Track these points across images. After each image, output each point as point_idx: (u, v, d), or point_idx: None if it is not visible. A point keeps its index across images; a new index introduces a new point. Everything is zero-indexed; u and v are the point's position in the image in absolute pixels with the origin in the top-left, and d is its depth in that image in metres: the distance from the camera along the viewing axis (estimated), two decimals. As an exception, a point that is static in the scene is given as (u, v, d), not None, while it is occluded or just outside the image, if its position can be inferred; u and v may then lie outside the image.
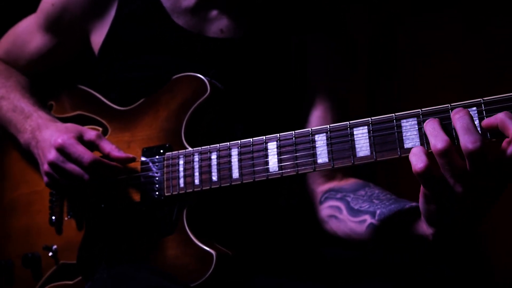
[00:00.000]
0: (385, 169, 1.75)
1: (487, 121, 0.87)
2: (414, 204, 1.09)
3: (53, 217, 1.42)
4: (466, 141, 0.85)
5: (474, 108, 0.95)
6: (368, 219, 1.13)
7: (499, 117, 0.85)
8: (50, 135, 1.31)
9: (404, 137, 1.01)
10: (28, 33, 1.52)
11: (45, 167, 1.30)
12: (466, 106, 0.95)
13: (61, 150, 1.27)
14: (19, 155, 1.56)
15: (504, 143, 0.86)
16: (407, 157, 1.01)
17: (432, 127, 0.90)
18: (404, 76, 2.12)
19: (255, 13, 1.37)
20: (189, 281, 1.18)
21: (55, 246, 1.40)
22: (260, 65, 1.36)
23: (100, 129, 1.42)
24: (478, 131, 0.87)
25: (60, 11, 1.44)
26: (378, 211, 1.12)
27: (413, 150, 0.92)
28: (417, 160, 0.89)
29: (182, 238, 1.22)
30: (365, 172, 1.40)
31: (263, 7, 1.37)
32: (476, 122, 0.93)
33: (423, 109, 1.01)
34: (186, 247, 1.21)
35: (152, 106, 1.36)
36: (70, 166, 1.26)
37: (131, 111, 1.40)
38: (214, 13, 1.37)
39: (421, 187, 0.94)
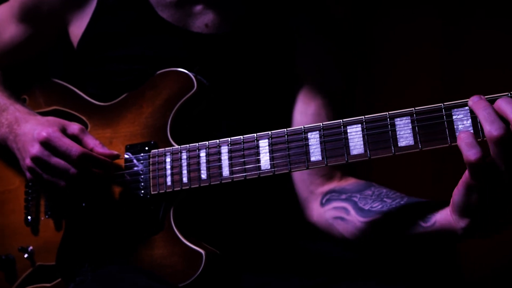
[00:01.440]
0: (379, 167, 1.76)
1: None
2: (434, 201, 1.08)
3: (29, 217, 1.36)
4: (492, 129, 0.85)
5: (467, 107, 0.97)
6: (382, 218, 1.12)
7: None
8: (31, 128, 1.25)
9: (398, 136, 1.02)
10: (1, 23, 1.45)
11: (27, 161, 1.24)
12: (459, 106, 0.97)
13: (46, 143, 1.21)
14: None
15: None
16: (401, 155, 1.03)
17: (487, 113, 0.88)
18: (381, 70, 2.14)
19: (240, 9, 1.35)
20: (177, 281, 1.16)
21: (31, 247, 1.34)
22: (246, 61, 1.34)
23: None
24: None
25: (37, 2, 1.37)
26: (393, 210, 1.11)
27: (463, 138, 0.89)
28: (471, 149, 0.87)
29: (169, 237, 1.20)
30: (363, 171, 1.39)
31: (249, 2, 1.36)
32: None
33: (416, 108, 1.02)
34: (174, 247, 1.19)
35: (135, 102, 1.32)
36: (56, 160, 1.20)
37: (112, 106, 1.35)
38: (199, 7, 1.34)
39: (465, 177, 0.91)
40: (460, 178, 0.95)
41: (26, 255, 1.34)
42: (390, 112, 1.03)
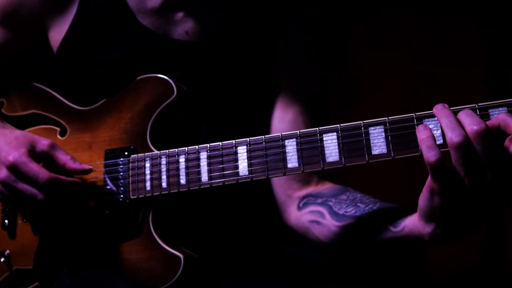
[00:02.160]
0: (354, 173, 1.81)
1: (488, 122, 0.91)
2: (404, 207, 1.12)
3: (6, 221, 1.35)
4: (453, 136, 0.90)
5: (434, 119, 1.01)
6: (355, 223, 1.16)
7: (500, 117, 0.90)
8: None
9: (371, 144, 1.06)
10: None
11: None
12: (430, 116, 1.02)
13: (13, 169, 1.20)
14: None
15: (507, 141, 0.89)
16: (375, 162, 1.07)
17: (449, 120, 0.92)
18: (358, 68, 2.17)
19: (220, 17, 1.38)
20: (156, 285, 1.17)
21: (7, 251, 1.34)
22: (225, 68, 1.37)
23: (58, 129, 1.37)
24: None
25: (16, 5, 1.37)
26: (366, 215, 1.15)
27: (424, 141, 0.93)
28: (431, 151, 0.91)
29: (148, 241, 1.21)
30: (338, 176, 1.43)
31: (229, 11, 1.38)
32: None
33: (389, 118, 1.06)
34: (152, 251, 1.20)
35: (114, 107, 1.33)
36: (23, 186, 1.20)
37: (92, 111, 1.36)
38: (179, 15, 1.36)
39: (428, 181, 0.95)
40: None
41: (2, 259, 1.33)
42: (364, 121, 1.07)
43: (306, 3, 1.54)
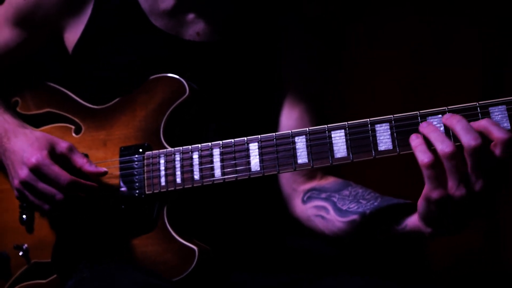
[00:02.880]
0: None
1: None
2: (405, 202, 1.18)
3: (24, 216, 1.40)
4: (470, 139, 0.95)
5: (440, 115, 1.07)
6: (358, 219, 1.22)
7: (482, 124, 0.97)
8: (20, 148, 1.28)
9: (378, 140, 1.11)
10: None
11: (16, 182, 1.29)
12: (433, 114, 1.07)
13: (35, 170, 1.25)
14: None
15: (491, 146, 0.96)
16: (381, 158, 1.12)
17: (436, 134, 0.99)
18: (358, 68, 2.21)
19: (230, 18, 1.43)
20: (171, 277, 1.22)
21: (26, 245, 1.39)
22: (234, 67, 1.42)
23: (73, 127, 1.42)
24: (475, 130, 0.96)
25: (33, 6, 1.41)
26: (368, 212, 1.21)
27: (418, 148, 1.00)
28: (424, 155, 0.98)
29: (163, 235, 1.26)
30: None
31: (238, 13, 1.43)
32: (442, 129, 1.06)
33: (394, 115, 1.11)
34: (167, 244, 1.25)
35: (128, 105, 1.38)
36: (43, 186, 1.25)
37: (106, 109, 1.41)
38: (191, 16, 1.41)
39: (424, 190, 1.02)
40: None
41: (21, 253, 1.38)
42: (371, 119, 1.12)
43: (306, 3, 1.59)
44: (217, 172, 1.23)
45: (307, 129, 1.16)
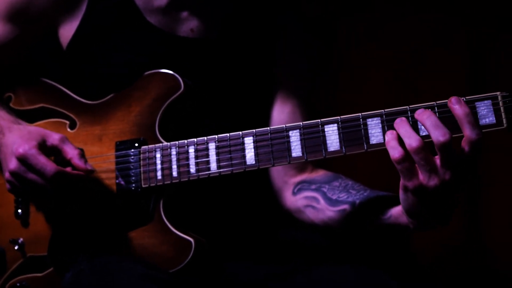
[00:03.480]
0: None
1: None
2: (391, 194, 1.22)
3: (19, 210, 1.41)
4: (438, 135, 1.00)
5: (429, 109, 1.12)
6: (348, 208, 1.26)
7: (460, 116, 1.02)
8: (12, 141, 1.29)
9: (369, 134, 1.16)
10: None
11: (7, 175, 1.30)
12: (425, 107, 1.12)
13: (23, 160, 1.26)
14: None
15: (462, 143, 1.02)
16: (373, 151, 1.17)
17: (404, 129, 1.04)
18: (356, 67, 2.25)
19: (224, 15, 1.45)
20: (168, 268, 1.25)
21: (21, 239, 1.40)
22: (228, 64, 1.45)
23: (67, 122, 1.43)
24: (444, 126, 1.01)
25: (26, 2, 1.42)
26: (357, 201, 1.25)
27: (389, 143, 1.05)
28: (394, 150, 1.03)
29: (160, 227, 1.29)
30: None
31: (228, 10, 1.46)
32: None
33: (385, 110, 1.16)
34: (164, 236, 1.28)
35: (123, 101, 1.39)
36: (32, 177, 1.26)
37: (101, 105, 1.42)
38: (185, 13, 1.43)
39: (400, 181, 1.06)
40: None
41: (16, 247, 1.39)
42: (362, 113, 1.16)
43: (305, 3, 1.63)
44: (213, 166, 1.26)
45: (301, 123, 1.20)
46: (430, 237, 2.08)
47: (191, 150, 1.28)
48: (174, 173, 1.29)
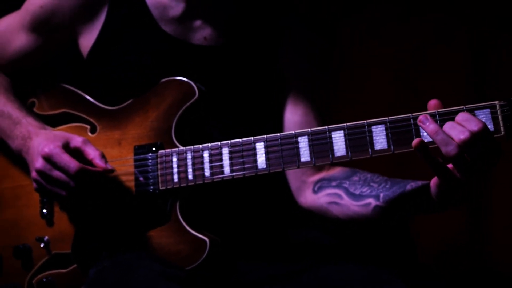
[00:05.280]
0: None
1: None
2: (413, 183, 1.27)
3: (44, 210, 1.50)
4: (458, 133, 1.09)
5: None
6: (373, 202, 1.31)
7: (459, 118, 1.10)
8: (38, 143, 1.39)
9: (374, 140, 1.22)
10: (11, 32, 1.56)
11: (33, 174, 1.39)
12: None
13: (48, 159, 1.35)
14: (-3, 152, 1.61)
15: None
16: (378, 156, 1.23)
17: (440, 137, 1.10)
18: (358, 66, 2.28)
19: (233, 23, 1.52)
20: (185, 266, 1.33)
21: (47, 237, 1.49)
22: (239, 70, 1.51)
23: (88, 127, 1.52)
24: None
25: (49, 13, 1.50)
26: (381, 194, 1.30)
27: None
28: (448, 144, 1.08)
29: (176, 227, 1.37)
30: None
31: (241, 19, 1.52)
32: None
33: (389, 117, 1.22)
34: (181, 236, 1.36)
35: (141, 107, 1.47)
36: (57, 174, 1.35)
37: (120, 110, 1.50)
38: (198, 22, 1.50)
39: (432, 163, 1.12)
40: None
41: (42, 245, 1.48)
42: (368, 121, 1.23)
43: (307, 4, 1.68)
44: (226, 170, 1.33)
45: (309, 130, 1.27)
46: (431, 238, 2.14)
47: (206, 154, 1.36)
48: (190, 176, 1.36)
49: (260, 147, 1.31)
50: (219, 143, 1.35)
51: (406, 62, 2.24)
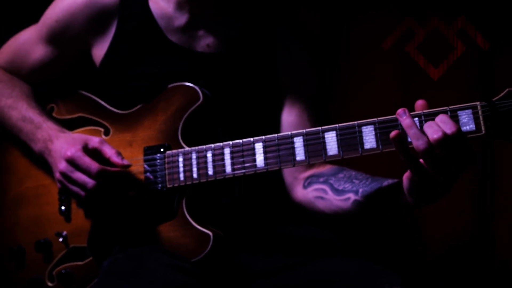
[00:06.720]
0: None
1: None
2: (390, 180, 1.36)
3: (63, 207, 1.62)
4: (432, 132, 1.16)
5: (416, 118, 1.25)
6: (352, 196, 1.41)
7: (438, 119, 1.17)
8: (60, 146, 1.52)
9: (364, 140, 1.30)
10: (31, 44, 1.69)
11: (57, 175, 1.52)
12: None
13: (71, 161, 1.48)
14: (20, 152, 1.73)
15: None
16: (368, 155, 1.31)
17: (413, 131, 1.17)
18: (355, 70, 2.34)
19: (234, 32, 1.62)
20: (191, 258, 1.44)
21: (65, 232, 1.61)
22: (239, 74, 1.61)
23: (102, 129, 1.63)
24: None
25: (64, 27, 1.62)
26: (360, 190, 1.40)
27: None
28: (419, 139, 1.16)
29: (183, 222, 1.47)
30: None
31: (241, 28, 1.62)
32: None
33: (378, 118, 1.30)
34: (186, 230, 1.46)
35: (150, 111, 1.58)
36: (78, 175, 1.48)
37: (131, 114, 1.61)
38: (201, 31, 1.61)
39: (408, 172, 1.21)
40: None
41: (61, 239, 1.60)
42: (358, 122, 1.31)
43: (304, 10, 1.75)
44: (228, 168, 1.43)
45: (304, 130, 1.36)
46: (439, 233, 2.17)
47: (209, 154, 1.46)
48: (195, 175, 1.47)
49: (259, 147, 1.41)
50: (221, 144, 1.45)
51: (406, 61, 2.27)
